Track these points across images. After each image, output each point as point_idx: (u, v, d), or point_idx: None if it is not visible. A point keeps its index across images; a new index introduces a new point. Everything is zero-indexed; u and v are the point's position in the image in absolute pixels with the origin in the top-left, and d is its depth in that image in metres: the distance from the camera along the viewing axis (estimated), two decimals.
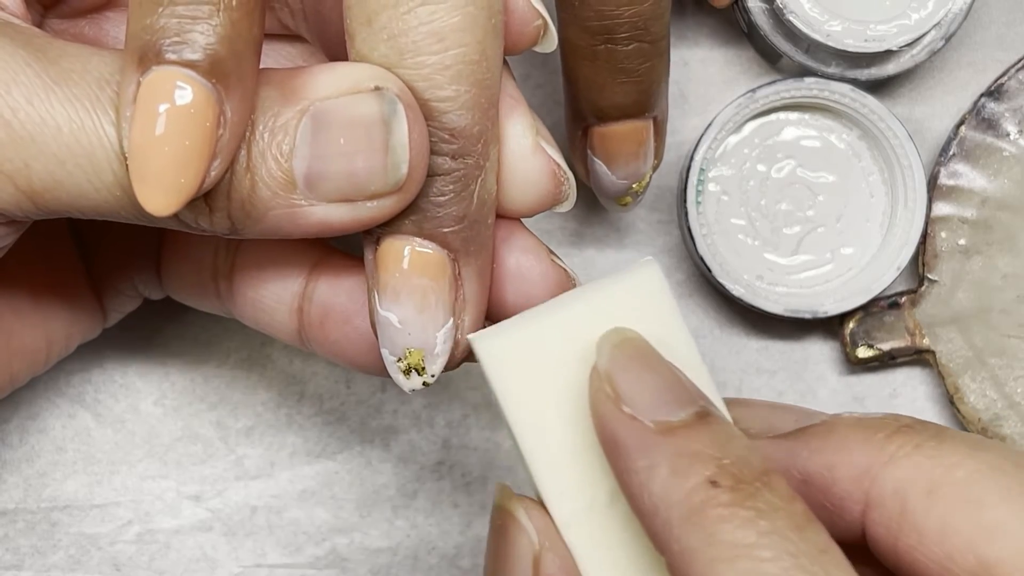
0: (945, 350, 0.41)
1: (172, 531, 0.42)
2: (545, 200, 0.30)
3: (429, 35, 0.26)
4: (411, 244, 0.27)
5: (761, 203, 0.41)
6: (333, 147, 0.26)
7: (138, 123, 0.25)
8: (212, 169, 0.25)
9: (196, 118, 0.25)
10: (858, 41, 0.39)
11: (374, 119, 0.26)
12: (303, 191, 0.26)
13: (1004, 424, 0.41)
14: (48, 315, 0.35)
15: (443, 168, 0.27)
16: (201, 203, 0.26)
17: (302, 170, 0.26)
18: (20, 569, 0.41)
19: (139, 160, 0.25)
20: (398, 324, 0.28)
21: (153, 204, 0.25)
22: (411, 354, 0.28)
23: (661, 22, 0.33)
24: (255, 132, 0.26)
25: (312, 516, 0.42)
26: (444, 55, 0.26)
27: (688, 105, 0.43)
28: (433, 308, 0.28)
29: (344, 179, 0.26)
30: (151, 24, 0.24)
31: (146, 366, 0.42)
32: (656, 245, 0.43)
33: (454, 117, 0.27)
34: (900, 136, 0.40)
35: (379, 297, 0.28)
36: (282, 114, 0.26)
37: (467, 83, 0.27)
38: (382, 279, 0.28)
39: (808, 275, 0.41)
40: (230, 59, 0.25)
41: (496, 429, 0.42)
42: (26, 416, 0.41)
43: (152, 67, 0.24)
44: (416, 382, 0.28)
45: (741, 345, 0.43)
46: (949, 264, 0.41)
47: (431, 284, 0.28)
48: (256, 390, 0.42)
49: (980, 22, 0.43)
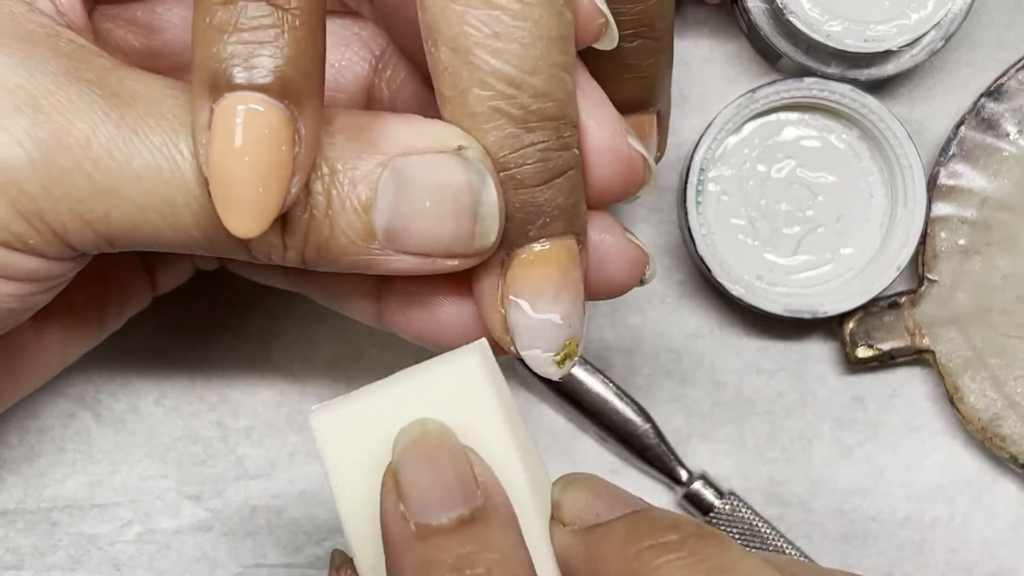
0: (945, 350, 0.41)
1: (172, 531, 0.42)
2: (631, 186, 0.30)
3: (558, 39, 0.27)
4: (559, 243, 0.28)
5: (761, 203, 0.41)
6: (418, 208, 0.27)
7: (216, 145, 0.25)
8: (292, 186, 0.25)
9: (272, 139, 0.25)
10: (858, 41, 0.39)
11: (461, 187, 0.27)
12: (382, 243, 0.27)
13: (1003, 424, 0.41)
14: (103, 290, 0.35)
15: (575, 161, 0.28)
16: (277, 239, 0.27)
17: (383, 224, 0.27)
18: (20, 569, 0.41)
19: (220, 181, 0.25)
20: (560, 321, 0.28)
21: (237, 226, 0.25)
22: (569, 343, 0.28)
23: (666, 19, 0.33)
24: (335, 179, 0.26)
25: (312, 516, 0.42)
26: (567, 54, 0.27)
27: (688, 105, 0.43)
28: (583, 295, 0.28)
29: (428, 239, 0.27)
30: (219, 52, 0.25)
31: (146, 366, 0.42)
32: (656, 245, 0.43)
33: (576, 108, 0.28)
34: (900, 136, 0.40)
35: (535, 303, 0.28)
36: (360, 165, 0.26)
37: (571, 75, 0.27)
38: (537, 285, 0.28)
39: (808, 275, 0.41)
40: (299, 78, 0.25)
41: None
42: (26, 416, 0.41)
43: (225, 94, 0.25)
44: (569, 367, 0.29)
45: (741, 345, 0.43)
46: (949, 264, 0.41)
47: (579, 274, 0.28)
48: (256, 390, 0.42)
49: (980, 22, 0.43)
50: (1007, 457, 0.41)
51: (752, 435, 0.42)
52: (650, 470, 0.42)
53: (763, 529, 0.41)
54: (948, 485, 0.42)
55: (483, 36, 0.26)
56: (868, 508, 0.42)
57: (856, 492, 0.42)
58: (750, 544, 0.41)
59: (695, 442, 0.42)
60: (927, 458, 0.43)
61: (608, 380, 0.42)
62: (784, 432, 0.42)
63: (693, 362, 0.43)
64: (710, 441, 0.42)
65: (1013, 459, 0.41)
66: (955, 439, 0.43)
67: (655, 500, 0.42)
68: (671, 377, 0.43)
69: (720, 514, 0.41)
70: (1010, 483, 0.43)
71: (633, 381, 0.42)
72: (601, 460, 0.42)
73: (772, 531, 0.41)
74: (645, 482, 0.42)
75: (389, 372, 0.42)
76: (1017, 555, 0.42)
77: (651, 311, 0.43)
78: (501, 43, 0.26)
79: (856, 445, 0.42)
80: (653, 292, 0.43)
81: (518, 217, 0.27)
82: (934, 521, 0.42)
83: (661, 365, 0.43)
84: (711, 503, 0.41)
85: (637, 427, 0.41)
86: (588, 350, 0.42)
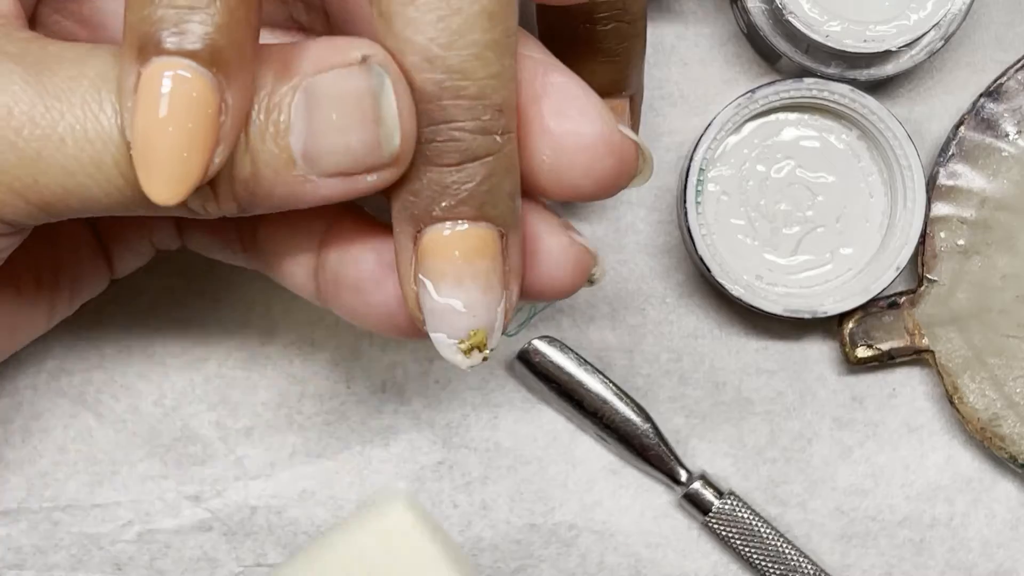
0: (944, 350, 0.41)
1: (172, 531, 0.42)
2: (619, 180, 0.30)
3: (481, 13, 0.26)
4: (463, 227, 0.27)
5: (760, 203, 0.41)
6: (327, 123, 0.26)
7: (141, 110, 0.25)
8: (216, 156, 0.25)
9: (198, 107, 0.25)
10: (857, 42, 0.39)
11: (362, 92, 0.26)
12: (303, 168, 0.26)
13: (1003, 424, 0.41)
14: (52, 273, 0.34)
15: (495, 147, 0.27)
16: (207, 190, 0.26)
17: (299, 148, 0.26)
18: (22, 568, 0.41)
19: (143, 147, 0.25)
20: (463, 308, 0.27)
21: (158, 193, 0.25)
22: (475, 334, 0.28)
23: (639, 3, 0.33)
24: (251, 112, 0.26)
25: (312, 516, 0.42)
26: (494, 32, 0.26)
27: (688, 105, 0.43)
28: (495, 287, 0.28)
29: (341, 154, 0.26)
30: (149, 15, 0.24)
31: (146, 366, 0.42)
32: (656, 245, 0.43)
33: (504, 92, 0.27)
34: (899, 136, 0.40)
35: (437, 286, 0.27)
36: (276, 91, 0.26)
37: (510, 57, 0.27)
38: (439, 268, 0.27)
39: (807, 275, 0.42)
40: (229, 47, 0.25)
41: (496, 429, 0.42)
42: (29, 416, 0.42)
43: (152, 58, 0.25)
44: (477, 359, 0.28)
45: (740, 345, 0.43)
46: (948, 264, 0.41)
47: (491, 264, 0.27)
48: (256, 390, 0.42)
49: (979, 22, 0.43)
50: (1007, 457, 0.41)
51: (752, 435, 0.42)
52: (650, 470, 0.42)
53: (762, 529, 0.41)
54: (948, 485, 0.42)
55: (401, 4, 0.26)
56: (868, 508, 0.42)
57: (856, 492, 0.42)
58: (750, 544, 0.41)
59: (695, 442, 0.43)
60: (927, 458, 0.43)
61: (608, 380, 0.42)
62: (784, 432, 0.43)
63: (693, 362, 0.43)
64: (710, 441, 0.43)
65: (1013, 459, 0.41)
66: (954, 439, 0.43)
67: (655, 500, 0.43)
68: (671, 377, 0.43)
69: (719, 514, 0.41)
70: (1010, 483, 0.43)
71: (633, 381, 0.42)
72: (601, 460, 0.42)
73: (771, 531, 0.41)
74: (645, 482, 0.42)
75: (389, 372, 0.42)
76: (1017, 555, 0.42)
77: (651, 311, 0.43)
78: (417, 12, 0.26)
79: (856, 445, 0.42)
80: (653, 292, 0.43)
81: (425, 192, 0.27)
82: (934, 521, 0.42)
83: (661, 365, 0.43)
84: (710, 503, 0.41)
85: (637, 427, 0.41)
86: (588, 350, 0.42)
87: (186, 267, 0.41)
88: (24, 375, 0.42)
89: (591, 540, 0.42)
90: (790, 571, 0.41)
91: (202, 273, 0.42)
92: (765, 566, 0.41)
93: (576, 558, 0.42)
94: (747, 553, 0.41)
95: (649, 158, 0.30)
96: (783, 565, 0.41)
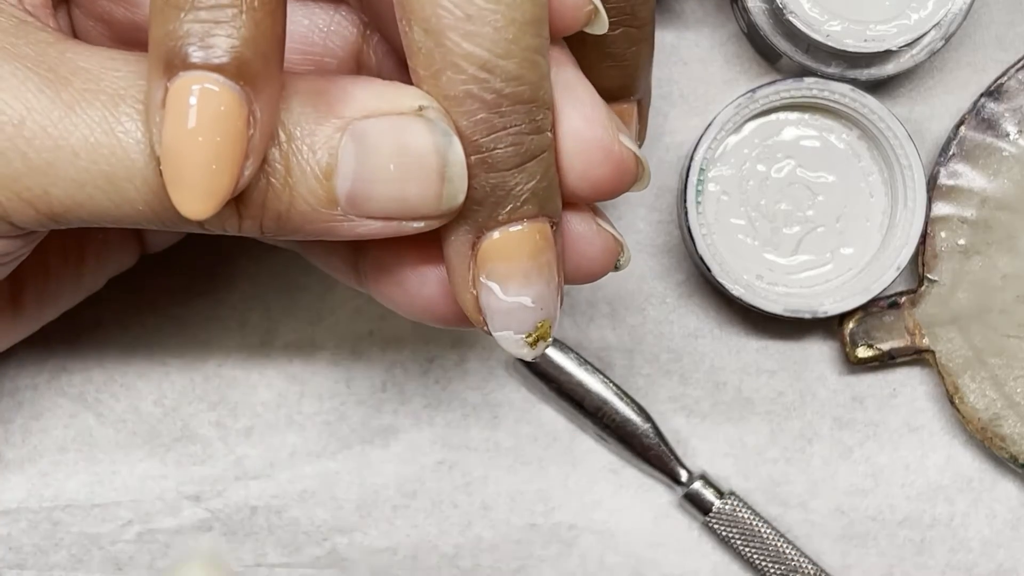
0: (945, 350, 0.41)
1: (172, 531, 0.42)
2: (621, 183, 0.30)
3: (532, 21, 0.26)
4: (531, 226, 0.27)
5: (761, 203, 0.41)
6: (383, 172, 0.26)
7: (169, 125, 0.25)
8: (245, 169, 0.25)
9: (226, 120, 0.25)
10: (858, 41, 0.39)
11: (427, 149, 0.26)
12: (345, 207, 0.26)
13: (1004, 424, 0.41)
14: (80, 249, 0.35)
15: (548, 143, 0.27)
16: (231, 211, 0.26)
17: (345, 190, 0.26)
18: (23, 568, 0.41)
19: (172, 162, 0.25)
20: (532, 304, 0.28)
21: (189, 208, 0.25)
22: (541, 326, 0.28)
23: (647, 6, 0.33)
24: (292, 145, 0.26)
25: (312, 516, 0.42)
26: (540, 36, 0.27)
27: (688, 105, 0.43)
28: (556, 278, 0.28)
29: (393, 202, 0.27)
30: (175, 29, 0.24)
31: (146, 366, 0.42)
32: (656, 245, 0.43)
33: (551, 90, 0.27)
34: (900, 136, 0.40)
35: (505, 287, 0.28)
36: (319, 130, 0.26)
37: (544, 58, 0.27)
38: (506, 270, 0.28)
39: (808, 275, 0.41)
40: (256, 60, 0.25)
41: (496, 428, 0.42)
42: (29, 416, 0.42)
43: (179, 72, 0.25)
44: (542, 348, 0.29)
45: (741, 345, 0.43)
46: (949, 264, 0.41)
47: (552, 257, 0.28)
48: (256, 390, 0.42)
49: (980, 22, 0.43)
50: (1007, 457, 0.41)
51: (752, 435, 0.42)
52: (650, 470, 0.42)
53: (763, 529, 0.41)
54: (948, 485, 0.42)
55: (455, 19, 0.26)
56: (868, 508, 0.42)
57: (856, 492, 0.42)
58: (750, 544, 0.41)
59: (695, 442, 0.43)
60: (927, 458, 0.43)
61: (608, 380, 0.42)
62: (784, 432, 0.42)
63: (693, 362, 0.43)
64: (710, 441, 0.42)
65: (1013, 459, 0.41)
66: (955, 439, 0.43)
67: (655, 500, 0.43)
68: (671, 377, 0.43)
69: (720, 514, 0.41)
70: (1010, 483, 0.42)
71: (633, 381, 0.42)
72: (601, 460, 0.42)
73: (772, 531, 0.41)
74: (645, 482, 0.42)
75: (389, 372, 0.42)
76: (1017, 555, 0.42)
77: (651, 311, 0.43)
78: (473, 26, 0.26)
79: (856, 445, 0.42)
80: (653, 292, 0.43)
81: (490, 200, 0.27)
82: (934, 521, 0.42)
83: (661, 365, 0.43)
84: (711, 503, 0.41)
85: (637, 427, 0.41)
86: (588, 350, 0.42)
87: (186, 267, 0.41)
88: (24, 375, 0.42)
89: (591, 540, 0.42)
90: (790, 571, 0.41)
91: (202, 273, 0.42)
92: (765, 566, 0.41)
93: (576, 558, 0.42)
94: (747, 553, 0.41)
95: (647, 168, 0.30)
96: (783, 565, 0.41)
